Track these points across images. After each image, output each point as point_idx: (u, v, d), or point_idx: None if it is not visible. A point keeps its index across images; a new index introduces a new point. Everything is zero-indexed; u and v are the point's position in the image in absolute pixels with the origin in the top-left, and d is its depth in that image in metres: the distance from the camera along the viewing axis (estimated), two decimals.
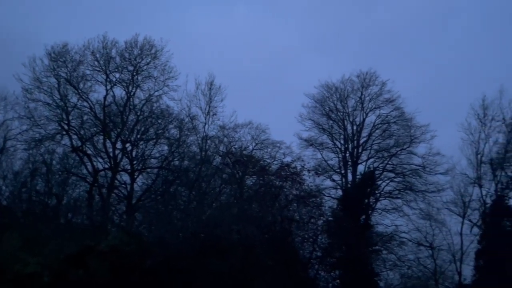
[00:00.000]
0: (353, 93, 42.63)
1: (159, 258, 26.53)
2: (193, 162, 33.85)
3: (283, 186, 35.01)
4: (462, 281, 35.36)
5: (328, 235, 35.39)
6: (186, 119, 34.82)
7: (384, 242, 37.46)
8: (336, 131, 42.90)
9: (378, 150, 41.50)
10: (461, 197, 36.72)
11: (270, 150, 37.89)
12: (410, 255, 36.87)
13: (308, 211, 33.77)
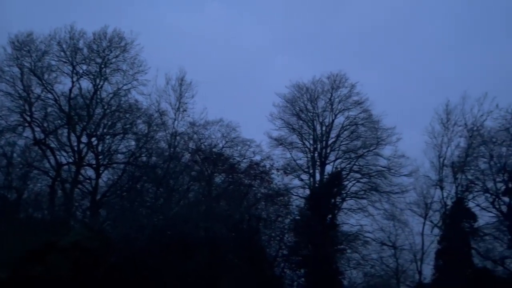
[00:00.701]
0: (323, 94, 43.31)
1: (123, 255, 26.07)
2: (161, 159, 33.36)
3: (252, 184, 35.10)
4: (422, 280, 36.54)
5: (295, 234, 35.78)
6: (155, 115, 34.33)
7: (349, 241, 38.19)
8: (305, 131, 43.45)
9: (346, 151, 42.27)
10: (423, 199, 37.96)
11: (240, 148, 37.93)
12: (374, 254, 37.84)
13: (275, 209, 34.01)
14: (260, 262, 32.56)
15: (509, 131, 34.84)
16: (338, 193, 40.53)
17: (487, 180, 35.51)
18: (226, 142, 37.54)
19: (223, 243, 29.69)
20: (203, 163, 35.31)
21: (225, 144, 37.52)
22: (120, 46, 33.08)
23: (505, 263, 34.58)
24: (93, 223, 29.36)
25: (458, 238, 35.15)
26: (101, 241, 25.15)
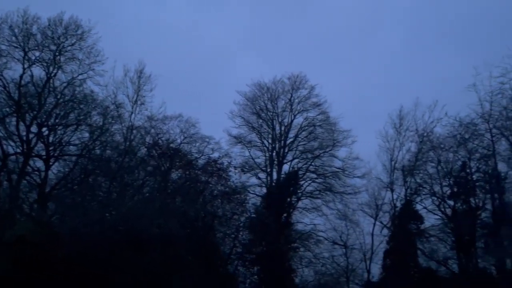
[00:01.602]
0: (283, 94, 43.83)
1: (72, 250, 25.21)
2: (116, 152, 32.44)
3: (209, 181, 34.93)
4: (371, 278, 37.85)
5: (250, 232, 36.01)
6: (111, 107, 33.29)
7: (302, 240, 38.91)
8: (265, 130, 43.80)
9: (303, 151, 42.98)
10: (374, 200, 39.31)
11: (199, 144, 37.69)
12: (325, 253, 38.78)
13: (231, 207, 34.06)
14: (214, 260, 32.58)
15: (456, 138, 36.68)
16: (294, 192, 41.25)
17: (434, 184, 37.27)
18: (185, 138, 37.21)
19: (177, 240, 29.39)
20: (159, 158, 34.77)
21: (184, 140, 37.20)
22: (76, 34, 31.78)
23: (448, 264, 36.47)
24: (40, 216, 28.16)
25: (405, 238, 36.69)
26: (48, 235, 24.23)
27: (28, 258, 22.96)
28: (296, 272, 37.34)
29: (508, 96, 34.98)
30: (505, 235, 32.60)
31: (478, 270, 34.87)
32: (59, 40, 31.45)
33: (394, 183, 38.71)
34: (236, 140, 42.36)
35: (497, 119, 35.14)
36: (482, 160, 35.92)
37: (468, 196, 36.00)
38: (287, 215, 40.04)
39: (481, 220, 35.57)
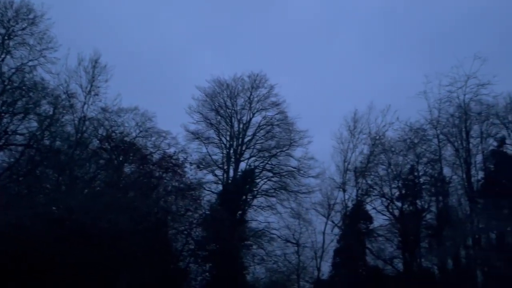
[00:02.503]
0: (243, 92, 43.93)
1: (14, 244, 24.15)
2: (66, 144, 31.23)
3: (163, 177, 34.41)
4: (320, 276, 38.75)
5: (204, 229, 35.82)
6: (63, 96, 31.90)
7: (256, 237, 39.18)
8: (223, 127, 43.74)
9: (260, 150, 43.28)
10: (327, 200, 40.28)
11: (155, 139, 36.92)
12: (278, 251, 39.25)
13: (185, 203, 33.69)
14: (165, 256, 32.17)
15: (406, 142, 38.26)
16: (249, 190, 41.50)
17: (384, 185, 38.77)
18: (140, 131, 36.33)
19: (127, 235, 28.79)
20: (112, 151, 33.85)
21: (139, 134, 36.30)
22: (28, 19, 30.24)
23: (393, 263, 37.99)
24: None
25: (355, 238, 37.87)
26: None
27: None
28: (248, 269, 37.58)
29: (455, 104, 36.94)
30: (448, 236, 34.38)
31: (421, 269, 36.56)
32: (9, 23, 29.82)
33: (346, 183, 39.87)
34: (194, 136, 42.10)
35: (444, 126, 36.99)
36: (429, 164, 37.67)
37: (415, 198, 37.67)
38: (242, 212, 40.24)
39: (426, 222, 37.31)
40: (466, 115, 36.14)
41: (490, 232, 34.09)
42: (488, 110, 36.04)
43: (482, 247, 33.63)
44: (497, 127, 36.29)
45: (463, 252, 34.78)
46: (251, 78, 43.40)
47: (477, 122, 36.31)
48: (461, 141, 36.05)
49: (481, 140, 36.23)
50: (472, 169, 35.80)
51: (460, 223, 34.08)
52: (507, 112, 36.03)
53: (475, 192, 35.10)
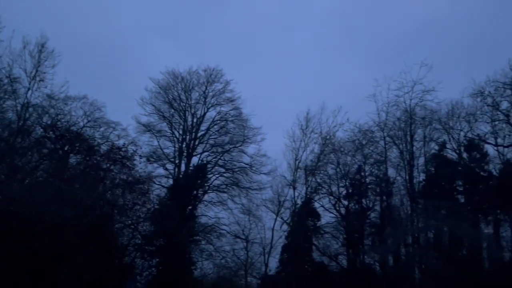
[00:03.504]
0: (198, 86, 43.41)
1: None
2: (7, 131, 29.59)
3: (111, 169, 33.40)
4: (268, 272, 39.27)
5: (152, 223, 35.18)
6: (5, 80, 30.17)
7: (205, 233, 39.00)
8: (176, 121, 43.04)
9: (213, 145, 42.99)
10: (277, 197, 40.81)
11: (103, 130, 35.83)
12: (227, 246, 39.30)
13: (133, 197, 32.88)
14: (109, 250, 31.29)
15: (355, 143, 39.56)
16: (201, 185, 41.20)
17: (332, 184, 39.92)
18: (88, 121, 35.15)
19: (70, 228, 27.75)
20: (57, 140, 32.41)
21: (87, 124, 35.09)
22: None
23: (338, 259, 39.21)
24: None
25: (302, 234, 38.68)
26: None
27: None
28: (196, 265, 37.40)
29: (402, 108, 38.62)
30: (389, 234, 35.91)
31: (364, 266, 38.01)
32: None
33: (297, 181, 40.55)
34: (145, 129, 41.12)
35: (391, 129, 38.58)
36: (375, 165, 39.17)
37: (361, 197, 39.06)
38: (192, 207, 39.92)
39: (370, 220, 38.83)
40: (411, 119, 37.88)
41: (428, 232, 35.94)
42: (431, 116, 38.00)
43: (420, 245, 35.41)
44: (439, 132, 38.39)
45: (403, 249, 36.48)
46: (207, 72, 43.03)
47: (421, 126, 38.19)
48: (406, 144, 37.76)
49: (424, 143, 38.15)
50: (415, 171, 37.63)
51: (402, 222, 35.72)
52: (448, 118, 38.15)
53: (416, 193, 36.90)
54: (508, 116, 36.67)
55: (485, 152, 37.66)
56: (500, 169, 37.06)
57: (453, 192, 36.94)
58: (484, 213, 36.12)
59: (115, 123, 35.78)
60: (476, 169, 37.03)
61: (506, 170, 36.11)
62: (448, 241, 35.13)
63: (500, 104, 36.88)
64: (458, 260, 33.63)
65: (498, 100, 36.83)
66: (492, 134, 37.40)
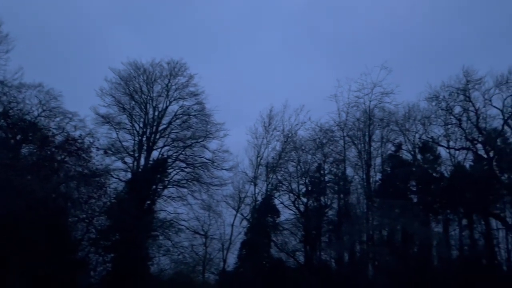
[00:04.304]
0: (160, 79, 42.50)
1: None
2: None
3: (66, 161, 32.22)
4: (226, 268, 39.27)
5: (108, 217, 34.29)
6: None
7: (163, 228, 38.37)
8: (136, 113, 41.97)
9: (175, 139, 42.27)
10: (238, 193, 40.91)
11: (59, 120, 34.51)
12: (185, 242, 38.82)
13: (88, 190, 31.89)
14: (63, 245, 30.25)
15: (315, 142, 40.25)
16: (160, 180, 40.47)
17: (292, 181, 40.41)
18: (43, 110, 33.74)
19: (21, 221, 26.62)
20: (9, 129, 30.92)
21: (42, 113, 33.67)
22: None
23: (295, 255, 39.78)
24: None
25: (262, 231, 38.95)
26: None
27: None
28: (153, 261, 36.77)
29: (361, 109, 39.67)
30: (346, 231, 36.80)
31: (320, 262, 38.80)
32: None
33: (258, 178, 40.84)
34: (104, 120, 39.80)
35: (350, 129, 39.56)
36: (334, 164, 40.08)
37: (320, 195, 39.84)
38: (150, 202, 39.13)
39: (328, 217, 39.67)
40: (370, 120, 38.97)
41: (382, 229, 37.12)
42: (389, 117, 39.27)
43: (374, 242, 36.52)
44: (396, 133, 39.76)
45: (358, 246, 37.51)
46: (170, 65, 42.21)
47: (379, 127, 39.39)
48: (364, 144, 38.83)
49: (381, 144, 39.39)
50: (372, 171, 38.75)
51: (357, 220, 36.66)
52: (405, 120, 39.55)
53: (372, 192, 38.02)
54: (460, 120, 38.49)
55: (438, 154, 39.39)
56: (451, 171, 38.86)
57: (407, 191, 38.37)
58: (434, 213, 37.78)
59: (72, 113, 34.57)
60: (429, 170, 38.62)
61: (456, 172, 37.90)
62: (400, 239, 36.41)
63: (453, 108, 38.69)
64: (409, 257, 35.00)
65: (452, 105, 38.61)
66: (445, 137, 39.21)
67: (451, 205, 37.00)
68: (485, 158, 37.30)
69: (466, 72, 37.78)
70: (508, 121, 36.72)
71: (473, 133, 37.96)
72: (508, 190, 35.83)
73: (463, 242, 37.36)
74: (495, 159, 37.09)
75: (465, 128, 38.17)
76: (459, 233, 37.77)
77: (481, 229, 37.27)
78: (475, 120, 37.63)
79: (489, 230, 36.82)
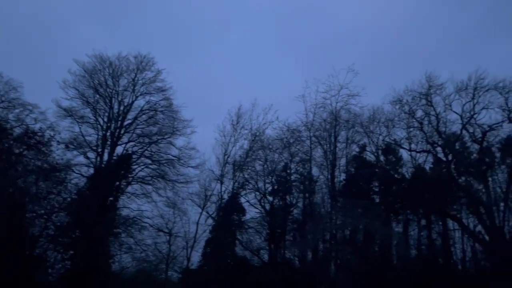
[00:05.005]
0: (127, 73, 41.61)
1: None
2: None
3: (24, 154, 30.99)
4: (190, 266, 38.97)
5: (68, 214, 33.25)
6: None
7: (126, 225, 37.57)
8: (101, 107, 40.86)
9: (140, 135, 41.45)
10: (204, 191, 40.66)
11: (19, 111, 33.18)
12: (149, 240, 38.16)
13: (48, 185, 30.80)
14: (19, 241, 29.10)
15: (283, 141, 40.58)
16: (124, 176, 39.62)
17: (259, 180, 40.58)
18: (2, 101, 32.40)
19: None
20: None
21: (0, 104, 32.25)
22: None
23: (260, 254, 39.97)
24: None
25: (227, 229, 38.91)
26: None
27: None
28: (115, 258, 35.95)
29: (328, 111, 40.33)
30: (310, 230, 37.30)
31: (284, 260, 39.13)
32: None
33: (225, 176, 40.73)
34: (66, 113, 38.47)
35: (317, 129, 40.13)
36: (301, 163, 40.55)
37: (285, 194, 40.20)
38: (113, 199, 38.24)
39: (293, 216, 40.08)
40: (336, 121, 39.67)
41: (345, 229, 37.88)
42: (354, 119, 40.14)
43: (337, 241, 37.21)
44: (361, 135, 40.65)
45: (321, 245, 38.10)
46: (138, 59, 41.36)
47: (344, 128, 40.19)
48: (330, 145, 39.48)
49: (346, 145, 40.18)
50: (336, 171, 39.50)
51: (321, 219, 37.25)
52: (369, 122, 40.52)
53: (336, 192, 38.73)
54: (421, 124, 39.77)
55: (400, 156, 40.61)
56: (412, 172, 40.11)
57: (370, 192, 39.33)
58: (395, 213, 38.91)
59: (33, 105, 33.32)
60: (391, 172, 39.74)
61: (416, 173, 39.16)
62: (362, 238, 37.26)
63: (415, 112, 39.94)
64: (370, 256, 35.88)
65: (414, 109, 39.87)
66: (407, 140, 40.41)
67: (411, 205, 38.20)
68: (444, 161, 38.71)
69: (429, 78, 39.14)
70: (466, 126, 38.26)
71: (434, 136, 39.31)
72: (464, 192, 37.34)
73: (421, 242, 38.67)
74: (453, 162, 38.55)
75: (426, 131, 39.48)
76: (418, 233, 39.09)
77: (439, 230, 38.74)
78: (436, 124, 38.99)
79: (446, 231, 38.32)
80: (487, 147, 37.67)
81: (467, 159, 38.21)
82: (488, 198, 36.20)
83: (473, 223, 38.49)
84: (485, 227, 35.63)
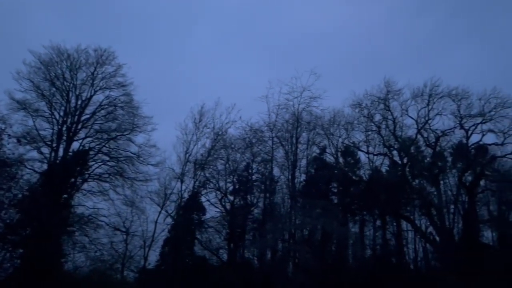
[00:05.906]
0: (86, 66, 40.22)
1: None
2: None
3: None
4: (147, 265, 38.20)
5: (19, 211, 31.68)
6: None
7: (81, 224, 36.30)
8: (57, 101, 39.26)
9: (99, 131, 40.19)
10: (164, 189, 39.95)
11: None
12: (105, 239, 36.98)
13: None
14: None
15: (245, 141, 40.66)
16: (80, 173, 38.29)
17: (220, 179, 40.42)
18: None
19: None
20: None
21: None
22: None
23: (219, 253, 39.81)
24: None
25: (186, 228, 38.48)
26: None
27: None
28: (68, 257, 34.64)
29: (290, 112, 40.80)
30: (269, 230, 37.56)
31: (243, 260, 39.20)
32: None
33: (185, 174, 40.24)
34: (19, 106, 36.69)
35: (279, 130, 40.54)
36: (262, 163, 40.82)
37: (246, 194, 40.34)
38: (68, 196, 36.87)
39: (253, 216, 40.22)
40: (298, 123, 40.22)
41: (304, 228, 38.44)
42: (315, 121, 40.88)
43: (296, 241, 37.69)
44: (321, 136, 41.48)
45: (280, 245, 38.47)
46: (98, 52, 40.05)
47: (306, 130, 40.84)
48: (291, 146, 39.97)
49: (307, 146, 40.87)
50: (297, 171, 40.06)
51: (281, 218, 37.62)
52: (330, 124, 41.41)
53: (296, 192, 39.24)
54: (379, 127, 41.08)
55: (358, 158, 41.80)
56: (369, 174, 41.32)
57: (328, 192, 40.20)
58: (352, 213, 39.98)
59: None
60: (349, 173, 40.77)
61: (373, 176, 40.38)
62: (320, 238, 37.95)
63: (374, 116, 41.24)
64: (327, 255, 36.62)
65: (373, 113, 41.14)
66: (365, 143, 41.65)
67: (367, 206, 39.35)
68: (399, 164, 40.15)
69: (387, 83, 40.52)
70: (421, 131, 39.89)
71: (390, 140, 40.70)
72: (417, 195, 38.90)
73: (376, 242, 39.92)
74: (408, 165, 40.06)
75: (384, 135, 40.83)
76: (373, 233, 40.34)
77: (393, 230, 40.14)
78: (393, 128, 40.38)
79: (400, 231, 39.78)
80: (440, 152, 39.46)
81: (421, 162, 39.82)
82: (439, 201, 37.90)
83: (425, 224, 40.21)
84: (436, 228, 37.27)
